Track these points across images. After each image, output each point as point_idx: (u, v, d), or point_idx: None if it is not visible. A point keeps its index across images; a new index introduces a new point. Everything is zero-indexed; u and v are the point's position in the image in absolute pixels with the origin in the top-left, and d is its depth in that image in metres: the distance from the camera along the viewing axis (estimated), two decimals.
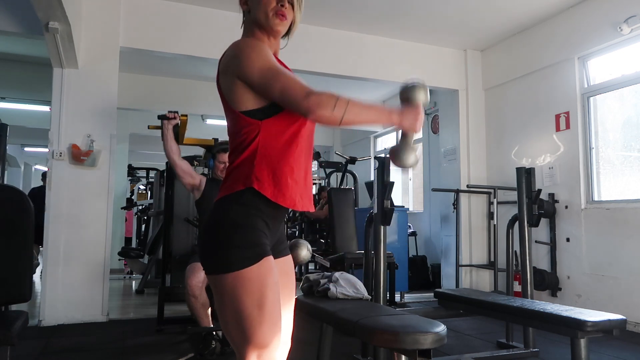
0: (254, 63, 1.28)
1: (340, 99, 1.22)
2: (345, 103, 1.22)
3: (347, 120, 1.23)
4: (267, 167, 1.30)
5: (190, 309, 3.21)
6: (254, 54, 1.29)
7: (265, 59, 1.29)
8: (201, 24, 4.71)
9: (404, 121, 1.32)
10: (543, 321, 2.43)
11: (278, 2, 1.37)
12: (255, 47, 1.31)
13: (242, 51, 1.31)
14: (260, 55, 1.29)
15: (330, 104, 1.21)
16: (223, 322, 1.31)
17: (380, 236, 2.90)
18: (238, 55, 1.31)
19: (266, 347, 1.27)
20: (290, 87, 1.24)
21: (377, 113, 1.30)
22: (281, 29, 1.40)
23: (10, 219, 2.08)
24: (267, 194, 1.29)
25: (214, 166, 3.60)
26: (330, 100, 1.21)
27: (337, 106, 1.21)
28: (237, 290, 1.24)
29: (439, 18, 4.99)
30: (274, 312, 1.28)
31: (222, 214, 1.30)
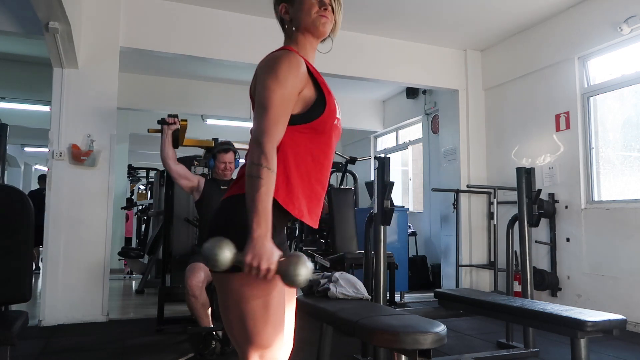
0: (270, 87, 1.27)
1: (265, 170, 1.19)
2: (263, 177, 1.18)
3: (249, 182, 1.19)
4: (282, 173, 1.29)
5: (190, 309, 3.21)
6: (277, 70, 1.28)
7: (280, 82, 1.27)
8: (201, 24, 4.71)
9: (249, 249, 1.15)
10: (543, 321, 2.43)
11: (321, 6, 1.40)
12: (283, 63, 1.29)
13: (272, 61, 1.31)
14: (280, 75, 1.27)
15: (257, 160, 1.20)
16: (227, 322, 1.31)
17: (380, 236, 2.90)
18: (267, 62, 1.32)
19: (269, 347, 1.27)
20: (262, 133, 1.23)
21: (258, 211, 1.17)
22: (326, 29, 1.43)
23: (10, 219, 2.08)
24: (279, 199, 1.28)
25: (214, 166, 3.60)
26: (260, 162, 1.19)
27: (258, 166, 1.19)
28: (243, 291, 1.24)
29: (439, 18, 4.99)
30: (278, 314, 1.28)
31: (233, 213, 1.29)
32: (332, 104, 1.37)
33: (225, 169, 3.57)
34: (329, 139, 1.38)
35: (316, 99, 1.34)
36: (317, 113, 1.34)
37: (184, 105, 7.26)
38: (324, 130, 1.36)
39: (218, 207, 1.35)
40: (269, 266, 1.14)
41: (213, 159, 3.61)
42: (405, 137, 8.15)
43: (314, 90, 1.35)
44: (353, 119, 8.13)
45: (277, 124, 1.25)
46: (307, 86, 1.33)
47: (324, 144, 1.37)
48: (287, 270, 1.14)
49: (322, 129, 1.35)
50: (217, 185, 3.55)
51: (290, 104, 1.28)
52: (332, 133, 1.39)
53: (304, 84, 1.32)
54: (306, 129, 1.33)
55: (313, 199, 1.36)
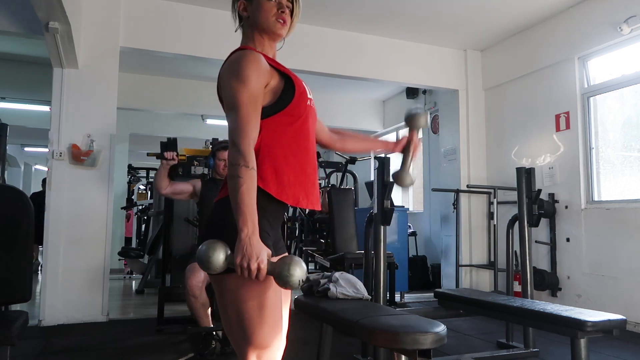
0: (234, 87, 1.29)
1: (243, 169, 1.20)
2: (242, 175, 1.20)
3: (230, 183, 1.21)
4: (270, 166, 1.31)
5: (190, 309, 3.21)
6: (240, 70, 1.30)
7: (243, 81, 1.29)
8: (201, 24, 4.71)
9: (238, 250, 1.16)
10: (543, 321, 2.43)
11: (279, 9, 1.41)
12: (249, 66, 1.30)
13: (234, 62, 1.33)
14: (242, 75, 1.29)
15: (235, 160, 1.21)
16: (225, 322, 1.32)
17: (380, 236, 2.90)
18: (230, 64, 1.34)
19: (266, 347, 1.28)
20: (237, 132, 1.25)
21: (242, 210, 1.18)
22: (283, 32, 1.44)
23: (10, 219, 2.08)
24: (272, 192, 1.31)
25: (214, 165, 3.60)
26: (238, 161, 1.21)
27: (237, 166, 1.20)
28: (239, 291, 1.25)
29: (439, 18, 4.99)
30: (275, 314, 1.29)
31: (226, 213, 1.29)
32: (300, 86, 1.40)
33: (225, 167, 3.57)
34: (306, 121, 1.41)
35: (284, 86, 1.37)
36: (289, 98, 1.36)
37: (184, 105, 7.26)
38: (299, 113, 1.38)
39: (212, 208, 1.36)
40: (259, 264, 1.14)
41: (213, 157, 3.62)
42: None
43: (280, 78, 1.37)
44: (353, 119, 8.13)
45: (248, 122, 1.26)
46: (272, 78, 1.35)
47: (302, 127, 1.39)
48: (281, 272, 1.14)
49: (297, 113, 1.37)
50: (216, 184, 3.55)
51: (258, 101, 1.30)
52: (308, 114, 1.42)
53: (268, 77, 1.34)
54: (281, 116, 1.35)
55: (306, 182, 1.39)
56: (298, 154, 1.37)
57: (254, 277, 1.15)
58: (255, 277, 1.16)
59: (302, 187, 1.37)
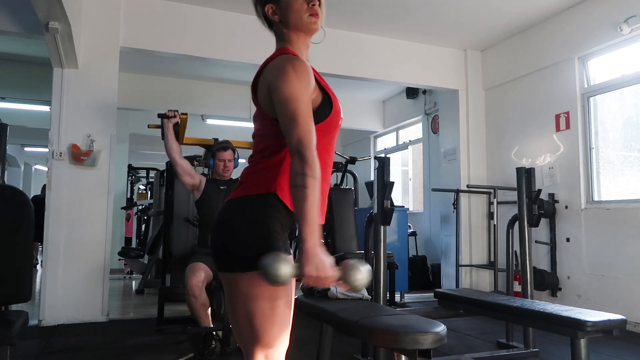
0: (294, 95, 1.26)
1: (310, 179, 1.19)
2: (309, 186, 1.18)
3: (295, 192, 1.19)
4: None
5: (190, 309, 3.21)
6: (293, 79, 1.27)
7: (299, 91, 1.27)
8: (201, 24, 4.71)
9: (307, 260, 1.16)
10: (543, 321, 2.43)
11: (309, 3, 1.39)
12: (297, 71, 1.29)
13: (285, 69, 1.30)
14: (297, 84, 1.27)
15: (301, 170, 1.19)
16: (233, 320, 1.32)
17: (380, 236, 2.90)
18: (280, 70, 1.30)
19: (274, 347, 1.30)
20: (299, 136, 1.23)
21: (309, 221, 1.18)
22: (318, 27, 1.43)
23: (10, 219, 2.08)
24: (288, 203, 1.31)
25: (214, 165, 3.60)
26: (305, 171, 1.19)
27: (303, 176, 1.18)
28: (252, 290, 1.26)
29: (439, 18, 4.99)
30: (285, 314, 1.31)
31: (241, 212, 1.30)
32: (337, 105, 1.40)
33: (224, 167, 3.57)
34: (333, 138, 1.42)
35: (322, 101, 1.36)
36: (325, 114, 1.36)
37: (184, 105, 7.21)
38: (329, 130, 1.38)
39: (223, 207, 1.36)
40: (329, 274, 1.16)
41: (212, 157, 3.62)
42: (405, 137, 8.15)
43: (319, 91, 1.37)
44: (353, 119, 8.13)
45: (311, 132, 1.24)
46: (315, 88, 1.35)
47: (328, 144, 1.40)
48: (347, 278, 1.18)
49: (328, 129, 1.37)
50: (216, 185, 3.55)
51: (311, 108, 1.29)
52: (336, 132, 1.43)
53: (314, 86, 1.34)
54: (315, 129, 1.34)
55: (322, 197, 1.38)
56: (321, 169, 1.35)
57: (322, 284, 1.17)
58: (322, 285, 1.19)
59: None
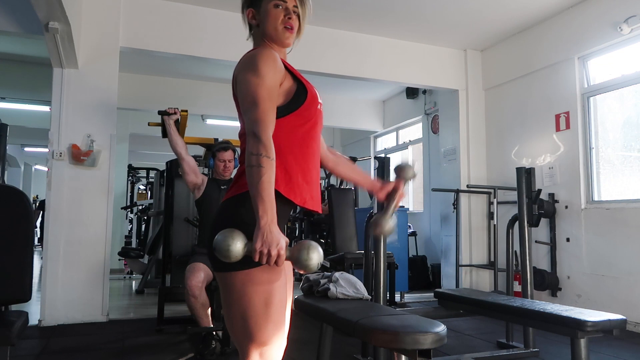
0: (255, 79, 1.31)
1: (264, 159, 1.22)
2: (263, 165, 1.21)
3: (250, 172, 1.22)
4: (280, 165, 1.32)
5: (190, 309, 3.21)
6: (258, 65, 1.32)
7: (262, 75, 1.31)
8: (201, 24, 4.71)
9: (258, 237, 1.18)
10: (543, 321, 2.43)
11: (286, 15, 1.43)
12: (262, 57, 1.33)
13: (251, 58, 1.35)
14: (261, 70, 1.31)
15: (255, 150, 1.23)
16: (228, 319, 1.33)
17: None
18: (246, 60, 1.36)
19: (269, 345, 1.30)
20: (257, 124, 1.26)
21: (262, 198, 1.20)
22: (290, 41, 1.47)
23: (10, 219, 2.08)
24: (281, 190, 1.32)
25: (214, 165, 3.61)
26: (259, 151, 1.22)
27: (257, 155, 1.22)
28: (245, 289, 1.27)
29: (439, 18, 4.99)
30: (279, 312, 1.31)
31: (234, 212, 1.32)
32: (312, 90, 1.44)
33: (224, 168, 3.57)
34: (315, 124, 1.44)
35: (297, 89, 1.40)
36: (301, 100, 1.39)
37: (184, 105, 7.17)
38: (309, 116, 1.41)
39: (219, 208, 1.38)
40: (279, 251, 1.18)
41: (213, 157, 3.62)
42: (405, 137, 8.15)
43: (293, 81, 1.40)
44: (353, 119, 8.14)
45: (267, 114, 1.28)
46: (285, 78, 1.38)
47: (312, 130, 1.43)
48: (299, 256, 1.19)
49: (307, 115, 1.40)
50: (217, 185, 3.55)
51: (274, 95, 1.33)
52: (318, 118, 1.45)
53: (283, 76, 1.36)
54: (293, 117, 1.38)
55: (311, 183, 1.42)
56: (307, 155, 1.40)
57: (272, 262, 1.18)
58: (275, 263, 1.18)
59: (309, 188, 1.40)
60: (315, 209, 1.43)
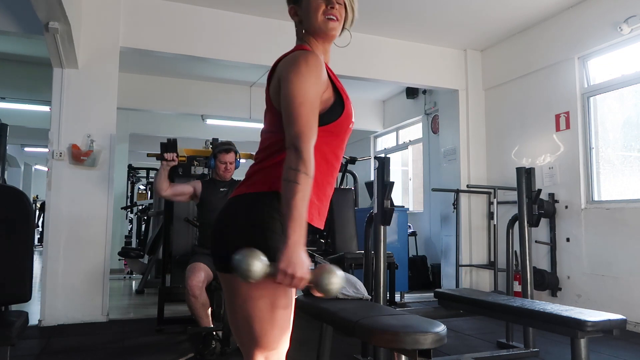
0: (300, 87, 1.23)
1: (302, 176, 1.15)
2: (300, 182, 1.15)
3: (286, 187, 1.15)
4: None
5: (190, 309, 3.21)
6: (304, 73, 1.24)
7: (308, 85, 1.24)
8: (201, 24, 4.71)
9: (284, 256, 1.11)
10: (543, 321, 2.43)
11: (327, 5, 1.34)
12: (309, 65, 1.26)
13: (297, 63, 1.27)
14: (307, 79, 1.24)
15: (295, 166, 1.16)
16: (233, 322, 1.30)
17: (380, 236, 2.90)
18: (292, 63, 1.27)
19: (275, 349, 1.28)
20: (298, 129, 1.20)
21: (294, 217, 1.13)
22: (335, 33, 1.38)
23: (10, 219, 2.08)
24: None
25: (215, 166, 3.60)
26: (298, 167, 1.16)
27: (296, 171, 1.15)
28: (251, 294, 1.23)
29: (439, 18, 4.99)
30: (285, 316, 1.28)
31: (242, 212, 1.27)
32: (349, 106, 1.36)
33: (225, 170, 3.57)
34: (342, 142, 1.37)
35: (334, 101, 1.32)
36: (336, 115, 1.32)
37: (184, 105, 7.26)
38: (339, 133, 1.34)
39: (224, 206, 1.33)
40: (303, 275, 1.11)
41: (214, 159, 3.62)
42: (405, 137, 8.14)
43: (332, 92, 1.33)
44: None
45: (311, 127, 1.21)
46: (327, 88, 1.31)
47: (337, 147, 1.36)
48: (319, 281, 1.13)
49: (337, 132, 1.34)
50: (216, 185, 3.56)
51: (317, 105, 1.25)
52: (347, 135, 1.38)
53: (325, 85, 1.30)
54: (323, 131, 1.29)
55: (324, 200, 1.36)
56: (326, 171, 1.33)
57: (294, 285, 1.12)
58: (295, 286, 1.13)
59: (318, 205, 1.34)
60: (319, 227, 1.36)
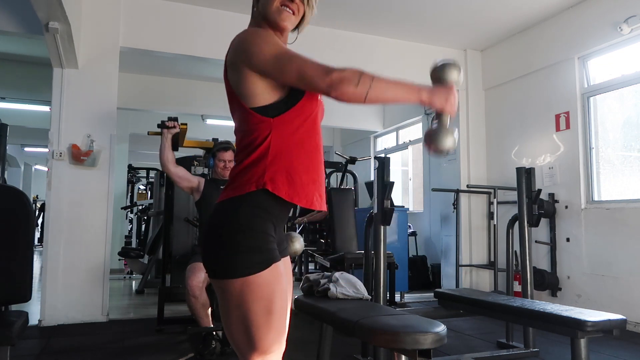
0: (264, 49, 1.22)
1: (364, 75, 1.16)
2: (369, 79, 1.17)
3: (372, 96, 1.18)
4: (281, 167, 1.25)
5: (191, 309, 3.21)
6: (261, 40, 1.24)
7: (275, 44, 1.23)
8: (201, 24, 4.71)
9: (435, 100, 1.23)
10: (543, 321, 2.43)
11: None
12: (262, 34, 1.26)
13: (250, 40, 1.25)
14: (269, 41, 1.24)
15: (353, 79, 1.15)
16: (227, 327, 1.27)
17: (380, 236, 2.90)
18: (246, 44, 1.25)
19: (271, 353, 1.25)
20: (308, 66, 1.19)
21: (404, 90, 1.22)
22: (287, 24, 1.35)
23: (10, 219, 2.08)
24: (282, 194, 1.24)
25: (214, 165, 3.60)
26: (354, 76, 1.15)
27: (361, 82, 1.15)
28: (244, 296, 1.20)
29: (439, 18, 4.99)
30: (281, 319, 1.26)
31: (230, 216, 1.24)
32: None
33: (224, 168, 3.57)
34: (316, 117, 1.35)
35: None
36: (300, 93, 1.28)
37: (184, 105, 7.26)
38: (310, 109, 1.31)
39: (213, 211, 1.31)
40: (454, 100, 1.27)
41: (212, 157, 3.62)
42: (405, 137, 8.14)
43: None
44: (353, 119, 8.13)
45: (318, 62, 1.20)
46: None
47: (313, 125, 1.33)
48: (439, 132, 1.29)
49: (308, 110, 1.30)
50: (216, 185, 3.55)
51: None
52: (318, 110, 1.36)
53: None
54: (292, 114, 1.27)
55: (318, 181, 1.33)
56: (310, 152, 1.31)
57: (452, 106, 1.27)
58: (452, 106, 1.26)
59: (315, 187, 1.31)
60: (322, 209, 1.34)
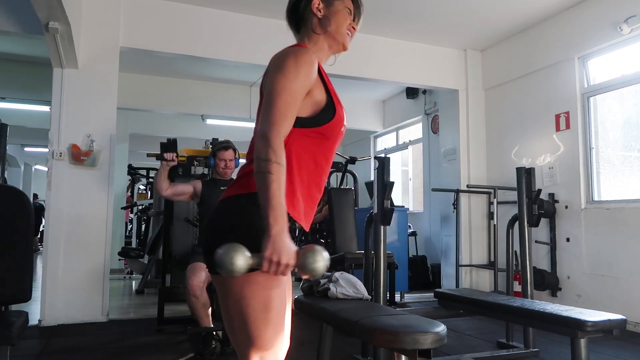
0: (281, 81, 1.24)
1: (272, 164, 1.15)
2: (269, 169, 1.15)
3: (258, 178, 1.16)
4: (287, 177, 1.25)
5: (191, 309, 3.21)
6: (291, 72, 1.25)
7: (292, 79, 1.24)
8: (201, 24, 4.71)
9: (269, 245, 1.11)
10: (543, 321, 2.43)
11: (353, 21, 1.47)
12: (300, 63, 1.26)
13: (286, 57, 1.28)
14: (293, 73, 1.24)
15: (268, 156, 1.16)
16: (227, 324, 1.30)
17: (380, 236, 2.89)
18: (281, 64, 1.27)
19: (270, 350, 1.27)
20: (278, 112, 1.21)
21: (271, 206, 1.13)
22: (347, 44, 1.48)
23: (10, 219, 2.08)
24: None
25: (214, 164, 3.60)
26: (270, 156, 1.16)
27: (264, 162, 1.15)
28: (244, 293, 1.23)
29: (439, 18, 4.99)
30: (279, 316, 1.28)
31: (233, 213, 1.27)
32: (340, 111, 1.37)
33: (225, 167, 3.57)
34: (333, 145, 1.38)
35: (326, 104, 1.33)
36: (327, 118, 1.32)
37: (184, 105, 7.26)
38: (330, 136, 1.35)
39: (216, 208, 1.33)
40: (288, 261, 1.11)
41: (213, 157, 3.62)
42: (405, 137, 8.15)
43: (324, 93, 1.33)
44: (353, 119, 8.13)
45: (285, 117, 1.21)
46: (317, 87, 1.31)
47: (327, 150, 1.37)
48: (304, 262, 1.12)
49: (329, 135, 1.34)
50: (216, 185, 3.55)
51: (298, 99, 1.25)
52: (338, 139, 1.39)
53: (314, 83, 1.30)
54: (313, 132, 1.31)
55: (310, 202, 1.37)
56: (314, 173, 1.34)
57: (280, 272, 1.12)
58: (281, 273, 1.13)
59: (305, 205, 1.34)
60: (304, 228, 1.36)
